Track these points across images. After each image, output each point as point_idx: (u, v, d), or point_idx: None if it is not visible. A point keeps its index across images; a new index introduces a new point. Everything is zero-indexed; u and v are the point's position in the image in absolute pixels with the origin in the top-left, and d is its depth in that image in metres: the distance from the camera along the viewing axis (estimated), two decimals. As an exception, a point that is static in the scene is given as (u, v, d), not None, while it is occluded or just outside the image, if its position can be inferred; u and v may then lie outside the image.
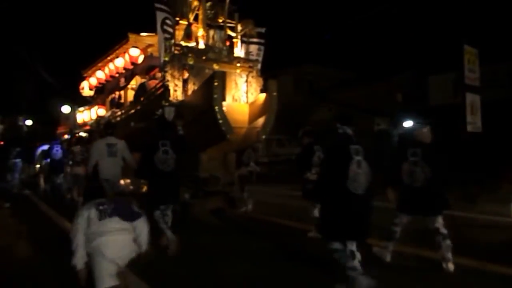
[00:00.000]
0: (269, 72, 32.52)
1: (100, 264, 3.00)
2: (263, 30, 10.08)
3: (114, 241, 3.04)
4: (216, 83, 7.04)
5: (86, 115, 13.52)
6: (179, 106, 7.56)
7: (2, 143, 21.05)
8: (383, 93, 23.92)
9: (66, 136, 14.60)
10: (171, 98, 8.01)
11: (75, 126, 14.26)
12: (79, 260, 3.08)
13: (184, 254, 4.94)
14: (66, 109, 16.69)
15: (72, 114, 15.41)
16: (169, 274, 4.36)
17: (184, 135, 5.79)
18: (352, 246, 3.42)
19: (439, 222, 4.18)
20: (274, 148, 23.10)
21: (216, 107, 6.98)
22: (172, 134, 5.49)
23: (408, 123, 22.59)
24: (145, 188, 6.54)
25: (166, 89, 8.11)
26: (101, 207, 3.17)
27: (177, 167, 5.18)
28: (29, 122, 30.11)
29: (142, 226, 3.28)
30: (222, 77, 7.37)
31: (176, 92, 8.18)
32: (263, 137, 7.79)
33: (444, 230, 4.15)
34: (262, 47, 10.04)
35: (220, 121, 6.99)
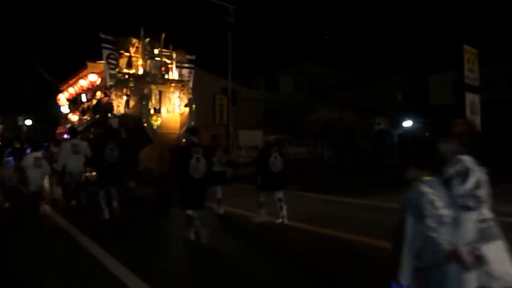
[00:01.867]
0: (269, 71, 32.59)
1: None
2: (193, 57, 12.95)
3: None
4: (143, 103, 9.70)
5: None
6: (122, 117, 10.13)
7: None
8: (383, 92, 23.91)
9: (66, 136, 14.91)
10: (115, 112, 10.62)
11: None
12: None
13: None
14: (65, 109, 16.72)
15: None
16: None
17: (126, 138, 8.04)
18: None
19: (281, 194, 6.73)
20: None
21: (144, 120, 9.55)
22: (116, 137, 7.81)
23: (408, 123, 22.72)
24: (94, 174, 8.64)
25: (111, 105, 10.83)
26: None
27: (119, 160, 7.38)
28: (28, 122, 30.05)
29: None
30: (147, 98, 10.10)
31: (119, 107, 10.89)
32: (183, 140, 9.58)
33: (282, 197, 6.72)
34: (193, 70, 12.96)
35: (148, 130, 9.49)
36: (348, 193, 9.95)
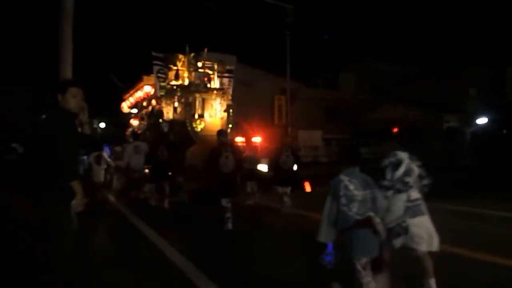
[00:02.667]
0: (329, 69, 31.98)
1: None
2: (233, 67, 14.71)
3: None
4: (188, 110, 12.47)
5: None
6: (170, 122, 11.92)
7: None
8: (453, 87, 22.28)
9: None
10: (165, 118, 12.62)
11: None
12: None
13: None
14: (135, 112, 18.02)
15: None
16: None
17: (174, 141, 9.74)
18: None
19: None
20: (334, 148, 22.62)
21: (188, 124, 11.77)
22: (166, 139, 9.56)
23: (482, 120, 20.91)
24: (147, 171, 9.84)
25: (162, 112, 12.91)
26: None
27: (168, 159, 8.65)
28: (102, 125, 32.52)
29: None
30: (191, 106, 12.64)
31: (168, 114, 12.93)
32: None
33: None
34: (232, 79, 14.46)
35: (191, 133, 11.45)
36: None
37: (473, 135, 20.60)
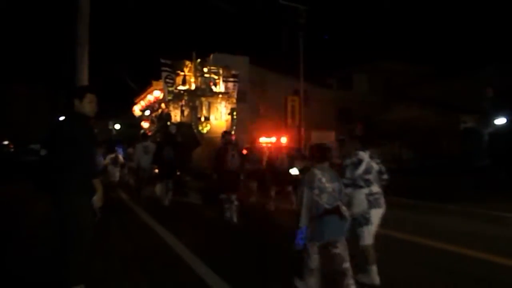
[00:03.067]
0: (342, 70, 31.75)
1: None
2: (237, 72, 15.52)
3: None
4: (194, 113, 13.39)
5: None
6: (178, 125, 12.02)
7: None
8: (470, 88, 21.84)
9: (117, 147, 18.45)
10: (173, 120, 13.54)
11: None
12: None
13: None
14: (147, 114, 18.45)
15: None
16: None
17: (181, 142, 9.70)
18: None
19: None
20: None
21: (194, 126, 12.50)
22: (173, 141, 9.49)
23: (500, 120, 20.42)
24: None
25: (170, 115, 14.00)
26: None
27: (174, 159, 8.96)
28: (117, 126, 32.93)
29: None
30: (197, 109, 13.68)
31: (176, 116, 14.15)
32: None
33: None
34: (237, 83, 15.32)
35: (197, 135, 12.01)
36: (437, 198, 9.04)
37: (491, 136, 20.13)
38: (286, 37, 18.34)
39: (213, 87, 14.72)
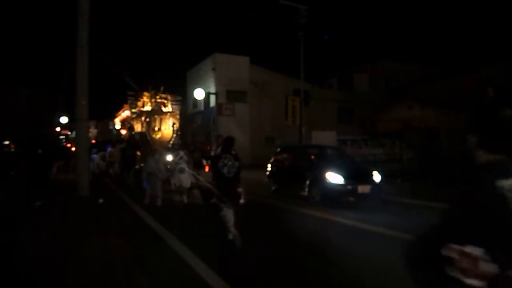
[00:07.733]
0: (343, 70, 31.62)
1: None
2: (180, 98, 23.31)
3: None
4: (148, 125, 20.68)
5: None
6: (139, 133, 20.19)
7: (93, 141, 31.51)
8: (471, 87, 21.80)
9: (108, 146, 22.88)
10: (136, 130, 21.33)
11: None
12: None
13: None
14: (118, 128, 20.82)
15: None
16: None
17: (141, 144, 15.37)
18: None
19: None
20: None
21: (147, 134, 19.17)
22: (135, 144, 14.72)
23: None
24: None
25: (133, 127, 22.26)
26: None
27: (132, 155, 13.59)
28: (118, 127, 33.06)
29: None
30: (150, 123, 20.77)
31: (138, 128, 21.68)
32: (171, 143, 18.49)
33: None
34: (179, 105, 22.87)
35: (150, 141, 17.61)
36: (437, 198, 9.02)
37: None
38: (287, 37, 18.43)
39: (163, 108, 21.46)
